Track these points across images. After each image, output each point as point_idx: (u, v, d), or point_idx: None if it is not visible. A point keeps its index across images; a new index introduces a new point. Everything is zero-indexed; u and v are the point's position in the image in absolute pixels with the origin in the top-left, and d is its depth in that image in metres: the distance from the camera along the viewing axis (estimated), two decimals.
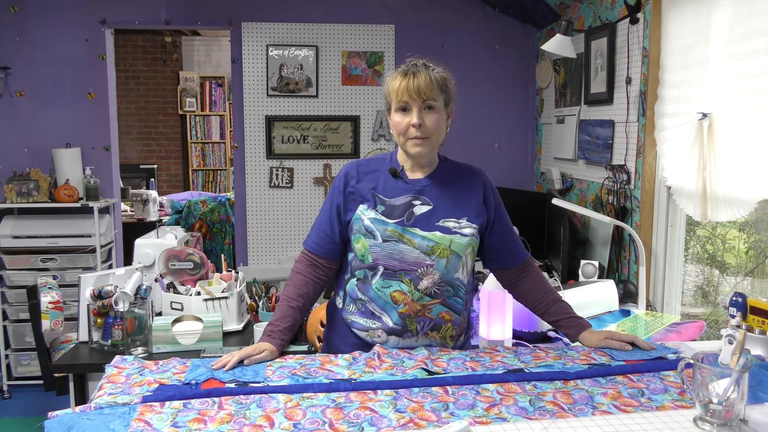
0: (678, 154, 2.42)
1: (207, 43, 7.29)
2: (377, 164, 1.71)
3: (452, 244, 1.61)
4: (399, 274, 1.60)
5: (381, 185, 1.66)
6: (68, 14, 3.80)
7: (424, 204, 1.64)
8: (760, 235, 2.64)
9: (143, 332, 2.09)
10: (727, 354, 1.21)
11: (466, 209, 1.66)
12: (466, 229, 1.63)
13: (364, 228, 1.62)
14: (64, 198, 3.67)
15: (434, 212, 1.63)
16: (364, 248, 1.62)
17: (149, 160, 7.15)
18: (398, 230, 1.60)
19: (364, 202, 1.64)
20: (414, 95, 1.57)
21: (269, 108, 4.00)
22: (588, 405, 1.28)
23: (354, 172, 1.69)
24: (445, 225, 1.62)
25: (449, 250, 1.61)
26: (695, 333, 2.21)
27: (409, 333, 1.63)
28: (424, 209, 1.63)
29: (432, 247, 1.60)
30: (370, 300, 1.64)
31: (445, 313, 1.64)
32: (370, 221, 1.62)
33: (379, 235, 1.60)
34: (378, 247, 1.60)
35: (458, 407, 1.26)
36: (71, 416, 1.19)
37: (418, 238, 1.60)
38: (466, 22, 4.08)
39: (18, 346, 3.78)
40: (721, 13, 2.20)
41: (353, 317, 1.68)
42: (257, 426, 1.17)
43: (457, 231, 1.62)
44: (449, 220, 1.63)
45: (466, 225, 1.64)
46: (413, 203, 1.63)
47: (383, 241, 1.60)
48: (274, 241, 4.09)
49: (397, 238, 1.60)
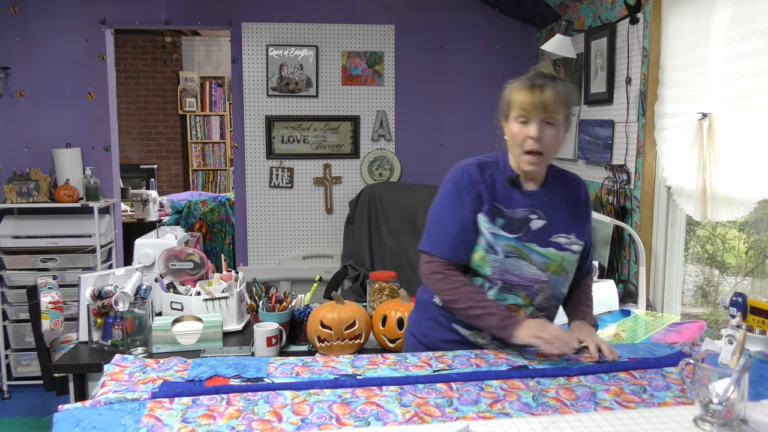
0: (678, 154, 2.42)
1: (207, 43, 7.29)
2: (492, 167, 1.64)
3: (564, 261, 1.62)
4: (515, 289, 1.60)
5: (499, 194, 1.62)
6: (68, 14, 3.80)
7: (540, 219, 1.62)
8: (760, 235, 2.64)
9: (143, 332, 2.09)
10: (727, 354, 1.21)
11: (575, 225, 1.65)
12: (574, 246, 1.63)
13: (485, 241, 1.59)
14: (64, 198, 3.67)
15: (548, 227, 1.62)
16: (483, 261, 1.60)
17: (149, 160, 7.14)
18: (518, 246, 1.59)
19: (485, 213, 1.59)
20: (539, 110, 1.53)
21: (269, 108, 4.00)
22: (590, 401, 1.29)
23: (477, 174, 1.62)
24: (558, 241, 1.61)
25: (561, 267, 1.62)
26: (695, 333, 2.21)
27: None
28: (540, 224, 1.61)
29: (547, 264, 1.60)
30: None
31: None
32: (492, 235, 1.58)
33: (500, 250, 1.58)
34: (498, 263, 1.59)
35: (462, 403, 1.27)
36: (81, 411, 1.19)
37: (535, 254, 1.59)
38: (466, 22, 4.09)
39: (18, 346, 3.78)
40: (721, 13, 2.21)
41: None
42: (265, 421, 1.19)
43: (567, 248, 1.62)
44: (561, 235, 1.62)
45: (574, 241, 1.64)
46: (530, 217, 1.61)
47: (505, 256, 1.58)
48: (274, 241, 4.09)
49: (517, 254, 1.58)
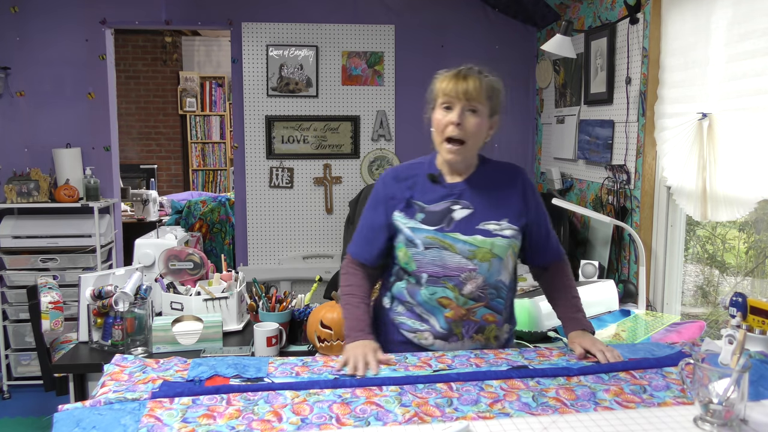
0: (678, 154, 2.42)
1: (207, 43, 7.29)
2: (415, 169, 1.70)
3: (493, 247, 1.60)
4: (443, 281, 1.60)
5: (419, 191, 1.65)
6: (68, 14, 3.80)
7: (464, 208, 1.62)
8: (760, 235, 2.64)
9: (143, 332, 2.09)
10: (727, 354, 1.21)
11: (506, 210, 1.64)
12: (506, 231, 1.62)
13: (404, 237, 1.62)
14: (64, 198, 3.67)
15: (474, 215, 1.62)
16: (407, 256, 1.62)
17: (149, 160, 7.14)
18: (439, 237, 1.59)
19: (402, 210, 1.64)
20: (461, 95, 1.56)
21: (269, 108, 4.00)
22: (590, 401, 1.29)
23: (392, 179, 1.68)
24: (486, 228, 1.61)
25: (491, 254, 1.60)
26: (695, 333, 2.21)
27: (454, 337, 1.63)
28: (464, 213, 1.62)
29: (473, 251, 1.59)
30: (418, 304, 1.64)
31: (489, 315, 1.64)
32: (410, 230, 1.61)
33: (420, 243, 1.60)
34: (420, 255, 1.60)
35: (462, 402, 1.27)
36: (81, 410, 1.19)
37: (459, 243, 1.59)
38: (466, 22, 4.09)
39: (18, 346, 3.78)
40: (721, 13, 2.21)
41: (401, 318, 1.68)
42: (265, 421, 1.19)
43: (497, 233, 1.61)
44: (489, 222, 1.62)
45: (506, 226, 1.63)
46: (452, 208, 1.62)
47: (425, 248, 1.59)
48: (274, 241, 4.09)
49: (438, 244, 1.59)
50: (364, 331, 1.60)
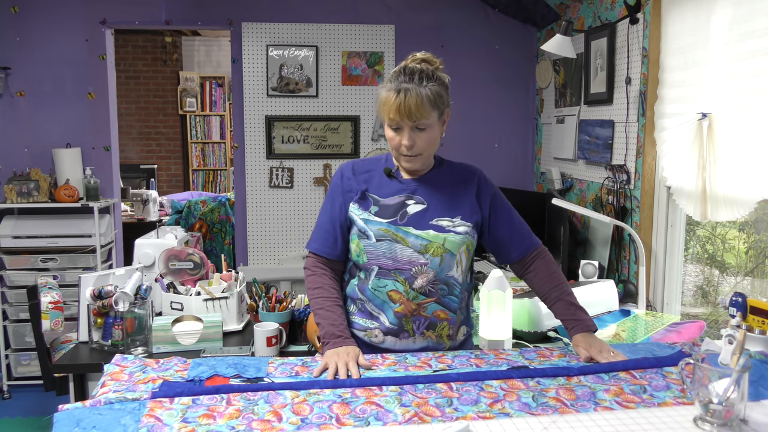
0: (678, 154, 2.42)
1: (207, 43, 7.29)
2: (372, 164, 1.72)
3: (446, 242, 1.62)
4: (393, 274, 1.61)
5: (375, 185, 1.68)
6: (68, 14, 3.80)
7: (418, 203, 1.65)
8: (760, 235, 2.64)
9: (143, 332, 2.09)
10: (727, 354, 1.21)
11: (460, 208, 1.66)
12: (459, 227, 1.64)
13: (357, 229, 1.64)
14: (64, 198, 3.67)
15: (428, 211, 1.64)
16: (359, 248, 1.64)
17: (149, 160, 7.15)
18: (391, 229, 1.61)
19: (357, 203, 1.66)
20: (405, 116, 1.55)
21: (269, 108, 4.00)
22: (590, 401, 1.28)
23: (349, 172, 1.70)
24: (439, 224, 1.63)
25: (443, 249, 1.61)
26: (695, 333, 2.21)
27: (405, 333, 1.63)
28: (418, 208, 1.64)
29: (425, 245, 1.61)
30: (368, 300, 1.65)
31: (441, 312, 1.64)
32: (363, 221, 1.63)
33: (372, 234, 1.62)
34: (372, 247, 1.62)
35: (462, 402, 1.27)
36: (81, 410, 1.19)
37: (411, 237, 1.61)
38: (466, 22, 4.09)
39: (18, 346, 3.78)
40: (721, 13, 2.21)
41: (353, 317, 1.69)
42: (265, 421, 1.19)
43: (450, 229, 1.63)
44: (443, 219, 1.64)
45: (460, 223, 1.64)
46: (407, 203, 1.65)
47: (377, 240, 1.61)
48: (274, 241, 4.10)
49: (390, 237, 1.61)
50: (343, 335, 1.57)
